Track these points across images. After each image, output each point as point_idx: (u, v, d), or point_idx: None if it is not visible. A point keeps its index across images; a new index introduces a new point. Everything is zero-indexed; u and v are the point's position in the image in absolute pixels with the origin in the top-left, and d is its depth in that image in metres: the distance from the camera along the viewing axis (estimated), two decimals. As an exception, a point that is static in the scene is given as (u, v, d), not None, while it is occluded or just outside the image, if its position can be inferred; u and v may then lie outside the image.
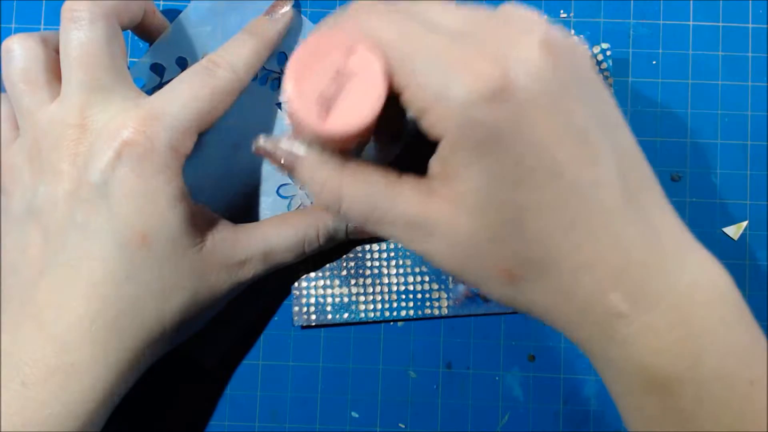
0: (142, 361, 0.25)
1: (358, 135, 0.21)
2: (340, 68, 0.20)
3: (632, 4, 0.31)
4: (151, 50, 0.30)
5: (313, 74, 0.20)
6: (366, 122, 0.20)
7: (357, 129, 0.20)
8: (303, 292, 0.30)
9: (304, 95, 0.20)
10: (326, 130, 0.20)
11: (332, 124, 0.20)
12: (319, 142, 0.22)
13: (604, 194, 0.20)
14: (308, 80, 0.20)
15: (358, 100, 0.20)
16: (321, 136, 0.21)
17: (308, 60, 0.20)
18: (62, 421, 0.23)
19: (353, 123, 0.20)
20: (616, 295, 0.20)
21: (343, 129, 0.20)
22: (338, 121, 0.20)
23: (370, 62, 0.20)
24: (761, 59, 0.31)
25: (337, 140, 0.21)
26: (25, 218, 0.25)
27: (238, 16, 0.30)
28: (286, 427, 0.30)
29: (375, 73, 0.20)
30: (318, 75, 0.20)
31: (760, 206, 0.31)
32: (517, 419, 0.30)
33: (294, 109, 0.20)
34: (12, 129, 0.27)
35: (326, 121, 0.20)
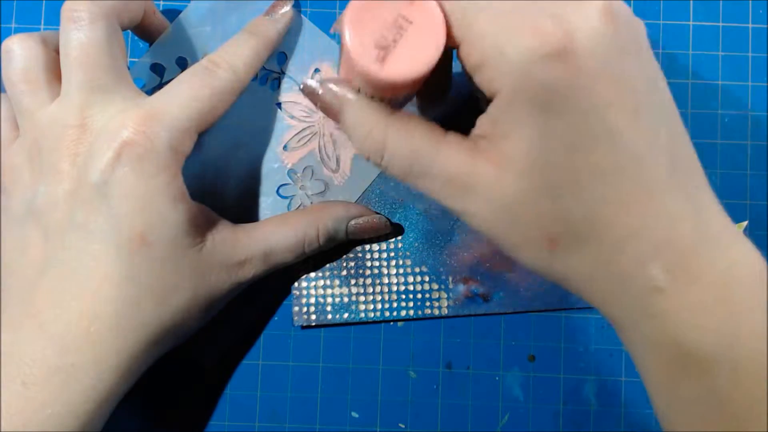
0: (142, 361, 0.25)
1: (413, 84, 0.21)
2: (400, 15, 0.20)
3: (632, 4, 0.31)
4: (151, 50, 0.30)
5: (372, 19, 0.20)
6: (424, 71, 0.20)
7: (414, 77, 0.20)
8: (303, 292, 0.30)
9: (363, 39, 0.20)
10: (383, 76, 0.20)
11: (390, 70, 0.20)
12: (369, 88, 0.22)
13: (655, 165, 0.20)
14: (368, 25, 0.20)
15: (417, 48, 0.20)
16: (376, 81, 0.21)
17: (368, 5, 0.20)
18: (62, 421, 0.23)
19: (411, 70, 0.20)
20: (657, 268, 0.20)
21: (400, 76, 0.20)
22: (396, 68, 0.20)
23: (431, 11, 0.20)
24: (761, 59, 0.31)
25: (390, 87, 0.21)
26: (25, 218, 0.25)
27: (238, 16, 0.30)
28: (286, 427, 0.30)
29: (436, 22, 0.20)
30: (378, 20, 0.20)
31: (760, 206, 0.31)
32: (517, 419, 0.30)
33: (352, 52, 0.20)
34: (12, 129, 0.27)
35: (383, 67, 0.20)
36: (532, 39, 0.19)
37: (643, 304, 0.20)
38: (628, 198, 0.20)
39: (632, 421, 0.30)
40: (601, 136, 0.19)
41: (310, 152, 0.30)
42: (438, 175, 0.21)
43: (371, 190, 0.30)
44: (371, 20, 0.20)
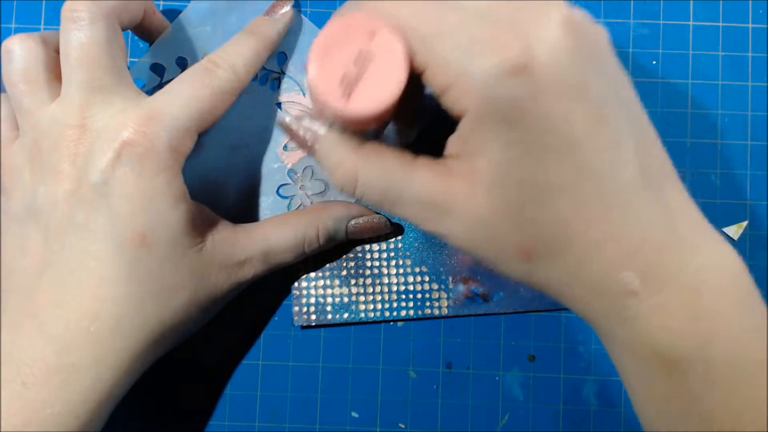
0: (142, 360, 0.25)
1: (380, 116, 0.21)
2: (363, 50, 0.20)
3: (632, 4, 0.31)
4: (151, 50, 0.30)
5: (335, 56, 0.20)
6: (388, 103, 0.21)
7: (379, 110, 0.21)
8: (303, 292, 0.30)
9: (327, 76, 0.20)
10: (348, 111, 0.21)
11: (355, 105, 0.20)
12: (339, 122, 0.22)
13: (621, 174, 0.20)
14: (331, 62, 0.20)
15: (380, 81, 0.20)
16: (343, 116, 0.21)
17: (331, 43, 0.21)
18: (62, 421, 0.23)
19: (375, 104, 0.20)
20: (629, 274, 0.20)
21: (365, 110, 0.21)
22: (361, 103, 0.20)
23: (392, 44, 0.20)
24: (761, 59, 0.31)
25: (358, 121, 0.21)
26: (25, 218, 0.25)
27: (238, 16, 0.30)
28: (286, 427, 0.30)
29: (397, 54, 0.20)
30: (341, 57, 0.21)
31: (760, 206, 0.31)
32: (517, 419, 0.30)
33: (317, 89, 0.20)
34: (12, 129, 0.27)
35: (349, 102, 0.20)
36: (492, 57, 0.19)
37: (617, 308, 0.21)
38: (593, 207, 0.20)
39: (632, 421, 0.30)
40: (562, 149, 0.20)
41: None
42: (412, 200, 0.22)
43: (371, 190, 0.30)
44: (334, 58, 0.21)
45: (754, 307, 0.21)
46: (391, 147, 0.23)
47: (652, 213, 0.21)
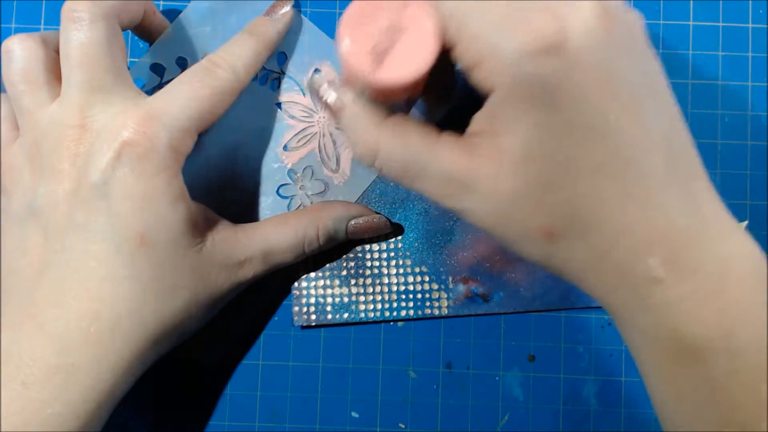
0: (142, 360, 0.25)
1: (409, 88, 0.21)
2: (394, 22, 0.21)
3: (632, 4, 0.31)
4: (151, 50, 0.30)
5: (367, 26, 0.21)
6: (418, 75, 0.21)
7: (408, 81, 0.21)
8: (303, 292, 0.30)
9: (358, 45, 0.21)
10: (378, 80, 0.21)
11: (384, 74, 0.21)
12: (368, 92, 0.22)
13: (651, 159, 0.20)
14: (362, 31, 0.21)
15: (410, 52, 0.21)
16: (372, 84, 0.21)
17: (363, 12, 0.21)
18: (63, 421, 0.23)
19: (405, 74, 0.21)
20: (655, 260, 0.20)
21: (394, 79, 0.21)
22: (390, 72, 0.21)
23: (423, 16, 0.21)
24: (761, 59, 0.31)
25: (387, 91, 0.22)
26: (25, 218, 0.25)
27: (238, 16, 0.30)
28: (286, 427, 0.30)
29: (428, 26, 0.21)
30: (372, 27, 0.21)
31: (760, 206, 0.31)
32: (517, 419, 0.30)
33: (348, 58, 0.21)
34: (12, 129, 0.27)
35: (378, 71, 0.21)
36: (525, 35, 0.19)
37: (641, 295, 0.21)
38: (623, 191, 0.20)
39: (632, 421, 0.30)
40: (595, 131, 0.20)
41: (310, 152, 0.30)
42: (434, 175, 0.22)
43: (371, 190, 0.30)
44: (366, 27, 0.21)
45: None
46: (416, 121, 0.22)
47: (678, 200, 0.20)
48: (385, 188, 0.30)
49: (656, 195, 0.20)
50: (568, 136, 0.20)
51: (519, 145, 0.20)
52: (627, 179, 0.20)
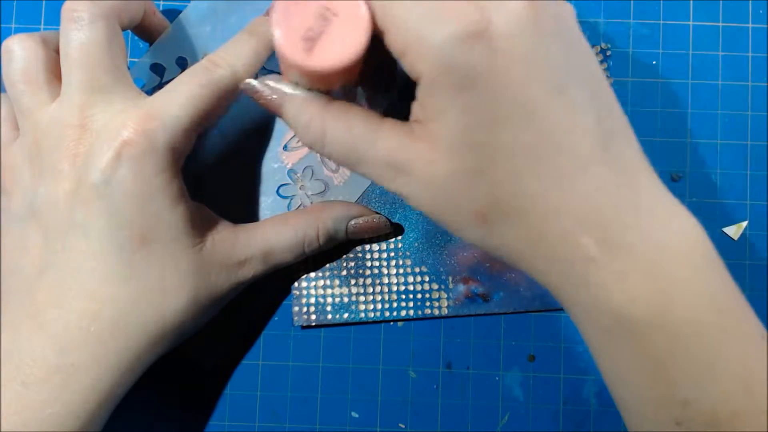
0: (142, 361, 0.25)
1: (343, 73, 0.21)
2: (326, 8, 0.21)
3: (632, 4, 0.31)
4: (151, 50, 0.30)
5: (299, 13, 0.21)
6: (350, 59, 0.21)
7: (341, 65, 0.21)
8: (303, 292, 0.30)
9: (290, 31, 0.21)
10: (311, 65, 0.21)
11: (317, 59, 0.21)
12: (304, 81, 0.23)
13: (579, 141, 0.20)
14: (294, 18, 0.21)
15: (342, 38, 0.21)
16: (305, 71, 0.21)
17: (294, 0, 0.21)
18: (63, 421, 0.23)
19: (337, 59, 0.21)
20: (588, 240, 0.20)
21: (327, 64, 0.21)
22: (323, 57, 0.21)
23: (354, 2, 0.21)
24: (761, 59, 0.31)
25: (321, 77, 0.22)
26: (25, 218, 0.25)
27: (238, 16, 0.30)
28: (286, 427, 0.30)
29: (360, 13, 0.21)
30: (304, 14, 0.21)
31: (760, 206, 0.31)
32: (517, 419, 0.30)
33: (280, 44, 0.21)
34: (12, 129, 0.27)
35: (311, 56, 0.21)
36: (450, 22, 0.19)
37: (577, 274, 0.21)
38: (552, 173, 0.20)
39: (632, 421, 0.30)
40: (520, 114, 0.20)
41: (310, 152, 0.30)
42: (376, 159, 0.22)
43: (371, 190, 0.30)
44: (298, 14, 0.21)
45: (713, 274, 0.21)
46: (359, 107, 0.23)
47: (610, 181, 0.21)
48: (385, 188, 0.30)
49: (586, 176, 0.20)
50: (494, 122, 0.20)
51: (448, 131, 0.20)
52: (556, 161, 0.20)
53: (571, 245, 0.21)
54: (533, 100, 0.20)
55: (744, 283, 0.31)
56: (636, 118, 0.31)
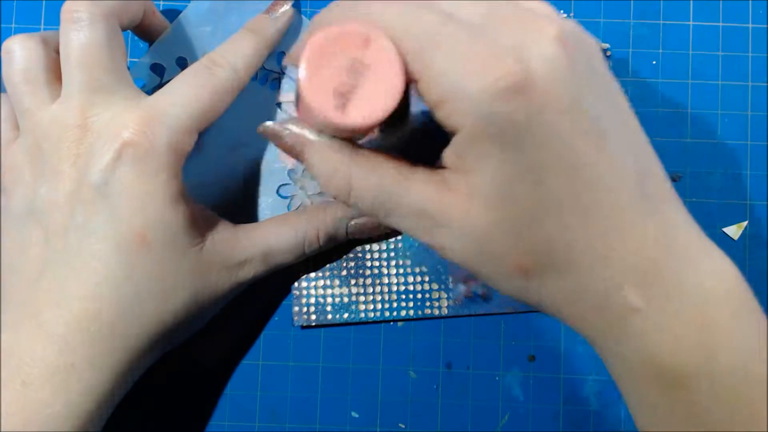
0: (142, 360, 0.25)
1: (375, 127, 0.20)
2: (357, 59, 0.20)
3: (632, 4, 0.31)
4: (151, 50, 0.30)
5: (328, 66, 0.20)
6: (385, 113, 0.20)
7: (376, 121, 0.20)
8: (303, 292, 0.30)
9: (320, 87, 0.20)
10: (345, 123, 0.20)
11: (351, 117, 0.20)
12: (330, 130, 0.22)
13: (621, 190, 0.20)
14: (324, 72, 0.20)
15: (376, 92, 0.20)
16: (338, 128, 0.20)
17: (323, 51, 0.20)
18: (63, 421, 0.23)
19: (372, 116, 0.20)
20: (631, 290, 0.20)
21: (362, 122, 0.20)
22: (357, 114, 0.20)
23: (388, 53, 0.20)
24: (761, 59, 0.31)
25: (352, 131, 0.21)
26: (25, 218, 0.25)
27: (238, 16, 0.30)
28: (286, 427, 0.30)
29: (393, 64, 0.20)
30: (333, 66, 0.20)
31: (760, 206, 0.31)
32: (517, 419, 0.30)
33: (310, 100, 0.20)
34: (12, 129, 0.27)
35: (344, 114, 0.20)
36: (489, 74, 0.19)
37: (619, 326, 0.21)
38: (595, 225, 0.20)
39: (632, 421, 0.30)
40: (565, 167, 0.20)
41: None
42: (408, 211, 0.21)
43: (371, 190, 0.30)
44: (328, 66, 0.20)
45: (752, 318, 0.21)
46: (388, 155, 0.22)
47: (651, 228, 0.20)
48: (385, 188, 0.30)
49: (628, 225, 0.20)
50: (536, 174, 0.20)
51: (488, 184, 0.20)
52: (599, 212, 0.20)
53: (614, 296, 0.20)
54: (576, 151, 0.19)
55: (744, 283, 0.31)
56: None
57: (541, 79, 0.19)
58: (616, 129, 0.20)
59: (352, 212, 0.29)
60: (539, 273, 0.21)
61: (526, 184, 0.20)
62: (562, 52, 0.19)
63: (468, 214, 0.20)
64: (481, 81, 0.19)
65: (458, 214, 0.21)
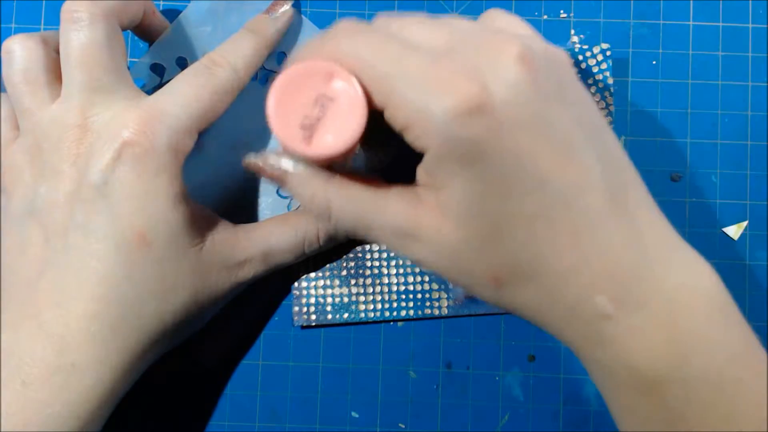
0: (142, 360, 0.25)
1: (343, 155, 0.22)
2: (321, 94, 0.21)
3: (632, 4, 0.31)
4: (151, 50, 0.30)
5: (295, 100, 0.21)
6: (349, 144, 0.21)
7: (340, 151, 0.21)
8: (303, 292, 0.30)
9: (287, 121, 0.21)
10: (311, 154, 0.21)
11: (316, 147, 0.21)
12: (303, 159, 0.23)
13: (588, 199, 0.20)
14: (291, 106, 0.21)
15: (340, 123, 0.21)
16: (306, 158, 0.22)
17: (290, 86, 0.21)
18: (63, 421, 0.23)
19: (337, 146, 0.21)
20: (602, 298, 0.20)
21: (327, 152, 0.21)
22: (322, 145, 0.21)
23: (350, 86, 0.21)
24: (761, 59, 0.31)
25: (322, 161, 0.22)
26: (25, 218, 0.25)
27: (238, 16, 0.30)
28: (286, 427, 0.30)
29: (356, 97, 0.21)
30: (300, 101, 0.21)
31: (760, 206, 0.31)
32: (517, 419, 0.30)
33: (279, 134, 0.21)
34: (12, 129, 0.27)
35: (310, 146, 0.21)
36: (448, 98, 0.19)
37: (593, 332, 0.21)
38: (562, 235, 0.20)
39: (632, 421, 0.30)
40: (529, 182, 0.20)
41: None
42: (384, 228, 0.22)
43: (371, 190, 0.30)
44: (294, 101, 0.21)
45: (729, 323, 0.21)
46: (362, 175, 0.23)
47: (622, 236, 0.21)
48: (385, 188, 0.30)
49: (598, 234, 0.20)
50: (503, 190, 0.20)
51: (457, 200, 0.20)
52: (567, 223, 0.20)
53: (586, 304, 0.21)
54: (540, 165, 0.20)
55: (744, 283, 0.31)
56: (636, 118, 0.31)
57: (501, 99, 0.19)
58: (583, 141, 0.21)
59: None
60: (511, 283, 0.21)
61: (494, 201, 0.20)
62: (522, 71, 0.20)
63: (440, 230, 0.21)
64: (442, 104, 0.19)
65: (431, 230, 0.21)
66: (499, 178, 0.20)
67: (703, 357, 0.20)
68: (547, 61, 0.21)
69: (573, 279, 0.21)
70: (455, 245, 0.21)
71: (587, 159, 0.21)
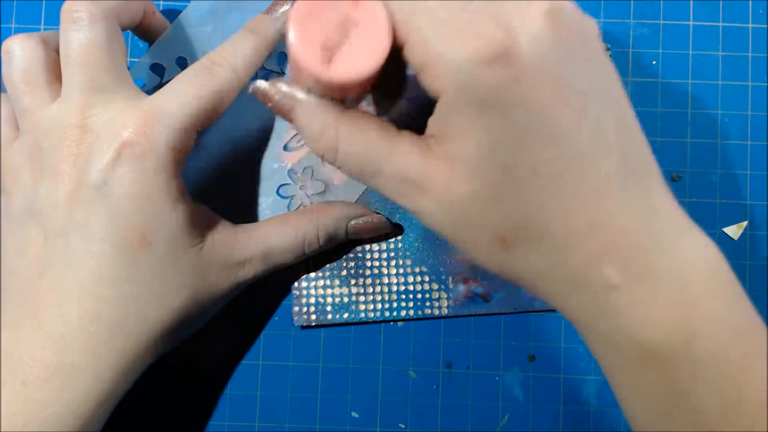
0: (142, 360, 0.25)
1: (361, 84, 0.21)
2: (346, 17, 0.20)
3: (632, 4, 0.31)
4: (151, 50, 0.30)
5: (317, 21, 0.20)
6: (369, 72, 0.20)
7: (361, 77, 0.20)
8: (303, 292, 0.30)
9: (308, 40, 0.20)
10: (330, 77, 0.20)
11: (336, 71, 0.20)
12: (318, 89, 0.22)
13: (602, 164, 0.20)
14: (312, 26, 0.20)
15: (363, 48, 0.20)
16: (323, 82, 0.21)
17: (313, 6, 0.20)
18: (63, 421, 0.23)
19: (357, 72, 0.20)
20: (610, 266, 0.20)
21: (347, 77, 0.20)
22: (342, 69, 0.20)
23: (376, 13, 0.20)
24: (761, 59, 0.31)
25: (338, 88, 0.21)
26: (25, 218, 0.25)
27: (238, 16, 0.30)
28: (286, 427, 0.30)
29: (381, 23, 0.20)
30: (322, 22, 0.20)
31: (760, 206, 0.31)
32: (517, 419, 0.30)
33: (297, 53, 0.20)
34: (12, 129, 0.27)
35: (330, 68, 0.20)
36: (473, 41, 0.19)
37: (598, 302, 0.21)
38: (575, 198, 0.20)
39: (632, 421, 0.30)
40: (545, 137, 0.20)
41: (310, 152, 0.30)
42: (391, 174, 0.21)
43: (371, 190, 0.30)
44: (316, 22, 0.20)
45: (734, 300, 0.21)
46: (375, 117, 0.22)
47: (632, 205, 0.20)
48: (385, 188, 0.30)
49: (610, 201, 0.20)
50: (518, 143, 0.20)
51: (469, 151, 0.20)
52: (579, 184, 0.20)
53: (593, 272, 0.20)
54: (558, 121, 0.20)
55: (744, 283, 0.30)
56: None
57: (525, 49, 0.19)
58: (600, 106, 0.20)
59: (352, 212, 0.29)
60: (518, 243, 0.21)
61: (506, 152, 0.20)
62: (548, 27, 0.19)
63: (449, 181, 0.20)
64: (465, 47, 0.19)
65: (440, 181, 0.21)
66: (515, 129, 0.19)
67: (708, 332, 0.20)
68: (575, 24, 0.20)
69: (581, 244, 0.20)
70: (464, 199, 0.20)
71: (603, 124, 0.20)
